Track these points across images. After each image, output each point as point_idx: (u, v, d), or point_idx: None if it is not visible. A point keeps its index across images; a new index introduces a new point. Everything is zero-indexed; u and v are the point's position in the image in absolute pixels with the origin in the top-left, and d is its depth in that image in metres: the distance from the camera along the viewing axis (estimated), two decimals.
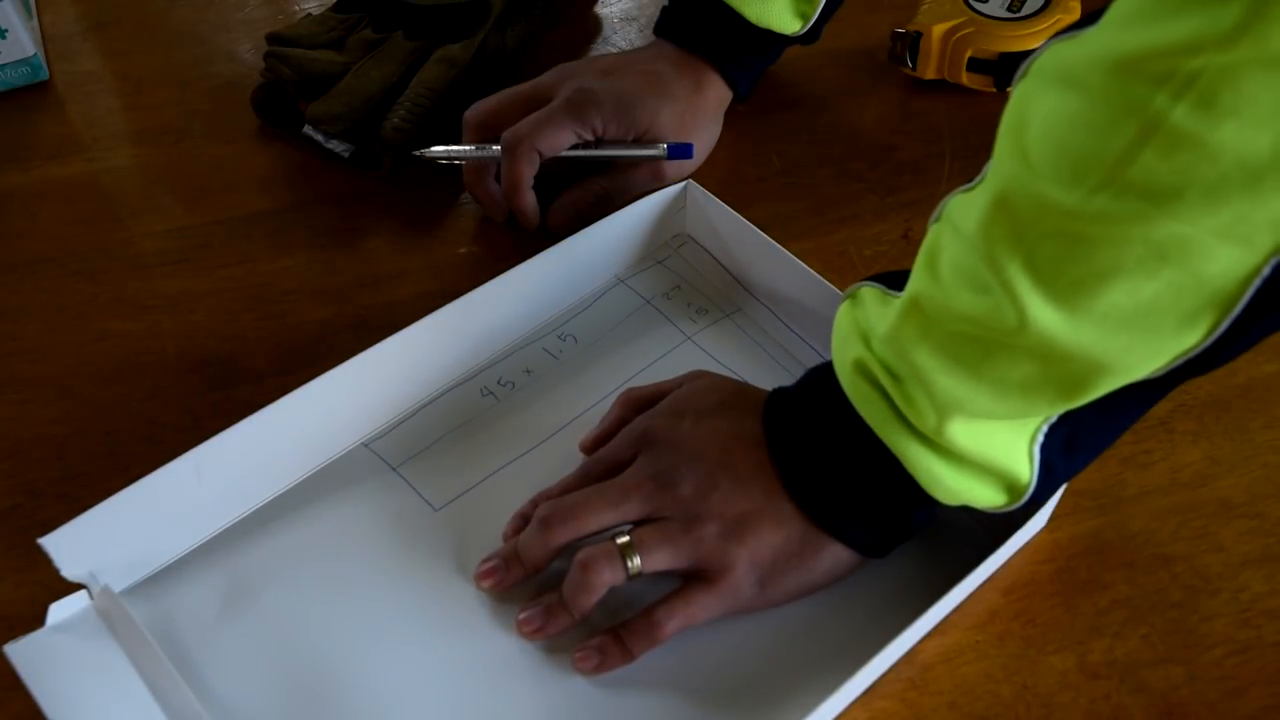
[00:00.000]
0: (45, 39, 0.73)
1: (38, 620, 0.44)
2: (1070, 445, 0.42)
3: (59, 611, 0.44)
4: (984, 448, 0.41)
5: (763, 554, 0.45)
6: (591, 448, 0.51)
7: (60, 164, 0.66)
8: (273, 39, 0.66)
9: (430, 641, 0.46)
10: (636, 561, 0.44)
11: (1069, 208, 0.34)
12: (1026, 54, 0.66)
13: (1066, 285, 0.35)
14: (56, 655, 0.43)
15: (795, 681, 0.44)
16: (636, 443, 0.48)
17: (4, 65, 0.69)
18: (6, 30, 0.67)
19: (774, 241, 0.56)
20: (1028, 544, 0.49)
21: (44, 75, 0.70)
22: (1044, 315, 0.36)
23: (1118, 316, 0.35)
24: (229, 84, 0.70)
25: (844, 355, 0.44)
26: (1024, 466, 0.42)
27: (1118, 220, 0.33)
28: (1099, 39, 0.33)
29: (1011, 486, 0.43)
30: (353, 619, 0.46)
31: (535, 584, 0.47)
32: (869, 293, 0.45)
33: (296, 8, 0.76)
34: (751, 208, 0.58)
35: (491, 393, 0.54)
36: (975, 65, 0.67)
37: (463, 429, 0.53)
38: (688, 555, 0.45)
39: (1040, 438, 0.41)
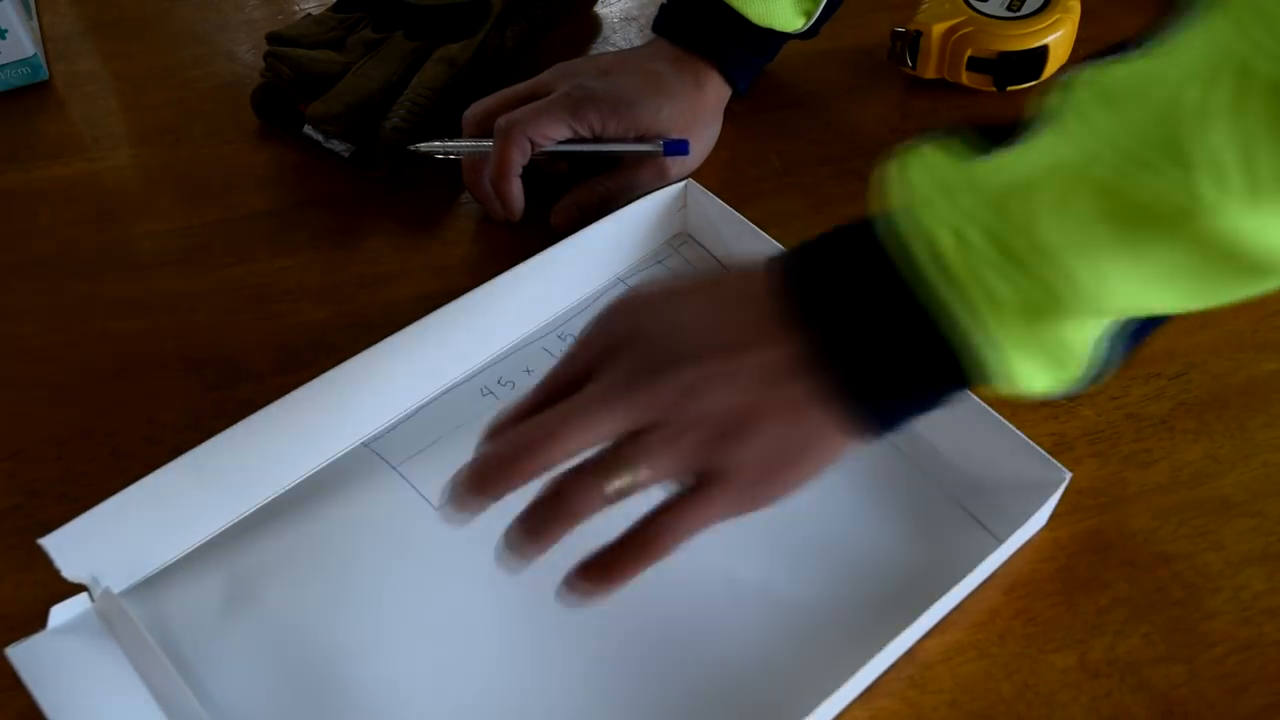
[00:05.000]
0: (45, 39, 0.73)
1: (38, 620, 0.44)
2: (1139, 335, 0.38)
3: (60, 614, 0.44)
4: (1078, 339, 0.37)
5: (765, 451, 0.39)
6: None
7: (60, 164, 0.66)
8: (273, 39, 0.66)
9: (430, 641, 0.46)
10: (625, 480, 0.38)
11: None
12: (1026, 53, 0.65)
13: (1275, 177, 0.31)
14: (57, 657, 0.43)
15: (795, 681, 0.44)
16: (602, 352, 0.41)
17: (4, 65, 0.69)
18: (6, 30, 0.67)
19: (774, 241, 0.56)
20: (1028, 542, 0.49)
21: (44, 75, 0.70)
22: (1239, 210, 0.31)
23: None
24: (229, 84, 0.70)
25: (922, 216, 0.37)
26: (1092, 357, 0.38)
27: None
28: None
29: (1071, 378, 0.38)
30: (353, 619, 0.46)
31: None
32: (936, 156, 0.38)
33: (296, 8, 0.76)
34: (751, 207, 0.58)
35: (491, 392, 0.54)
36: (975, 64, 0.67)
37: (463, 429, 0.53)
38: (681, 464, 0.39)
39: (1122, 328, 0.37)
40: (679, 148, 0.60)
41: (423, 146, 0.60)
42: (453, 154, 0.60)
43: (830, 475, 0.51)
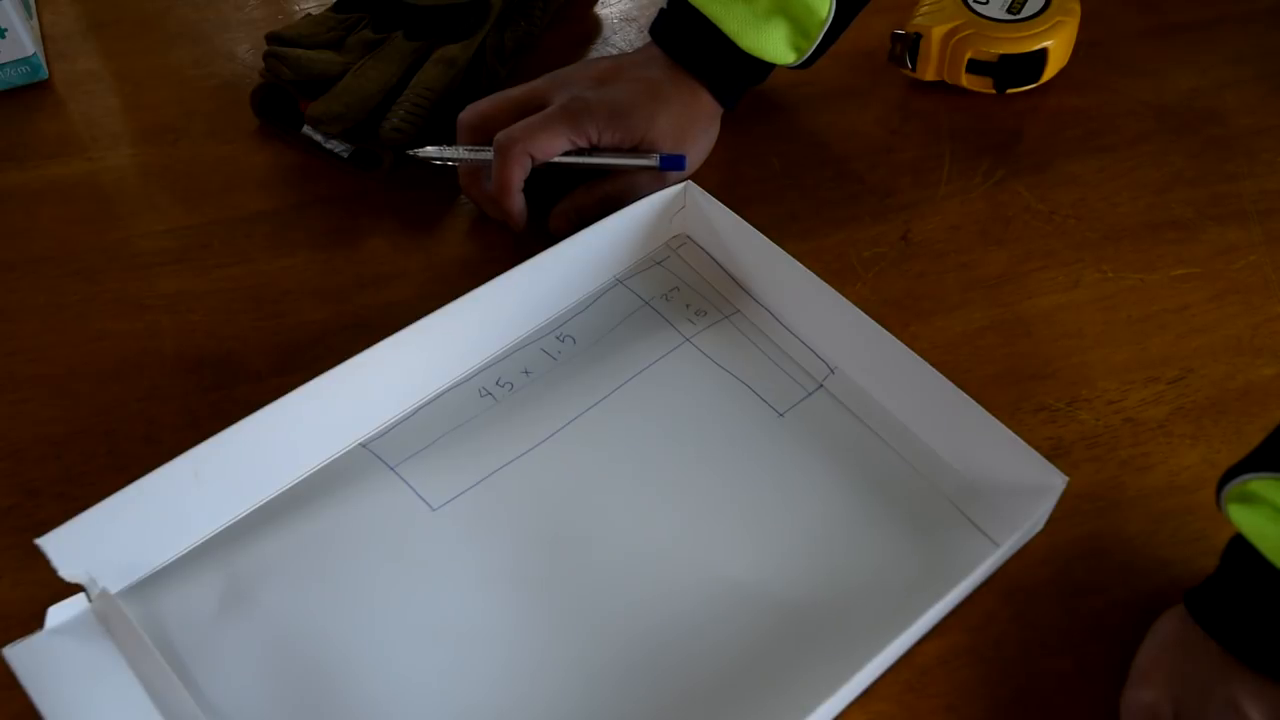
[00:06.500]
0: (45, 38, 0.73)
1: (35, 620, 0.44)
2: None
3: (57, 614, 0.44)
4: None
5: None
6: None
7: (60, 164, 0.66)
8: (272, 39, 0.66)
9: (428, 642, 0.46)
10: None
11: None
12: (1026, 56, 0.66)
13: None
14: (55, 658, 0.43)
15: (793, 684, 0.44)
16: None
17: (4, 65, 0.69)
18: (6, 30, 0.67)
19: (773, 243, 0.56)
20: (1025, 547, 0.49)
21: (44, 75, 0.70)
22: None
23: None
24: (229, 84, 0.70)
25: None
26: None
27: None
28: None
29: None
30: (351, 619, 0.46)
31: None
32: None
33: (296, 8, 0.76)
34: (750, 208, 0.58)
35: (490, 393, 0.54)
36: (975, 67, 0.67)
37: (461, 429, 0.53)
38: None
39: None
40: (675, 163, 0.60)
41: (420, 153, 0.60)
42: (450, 161, 0.60)
43: (829, 478, 0.51)
